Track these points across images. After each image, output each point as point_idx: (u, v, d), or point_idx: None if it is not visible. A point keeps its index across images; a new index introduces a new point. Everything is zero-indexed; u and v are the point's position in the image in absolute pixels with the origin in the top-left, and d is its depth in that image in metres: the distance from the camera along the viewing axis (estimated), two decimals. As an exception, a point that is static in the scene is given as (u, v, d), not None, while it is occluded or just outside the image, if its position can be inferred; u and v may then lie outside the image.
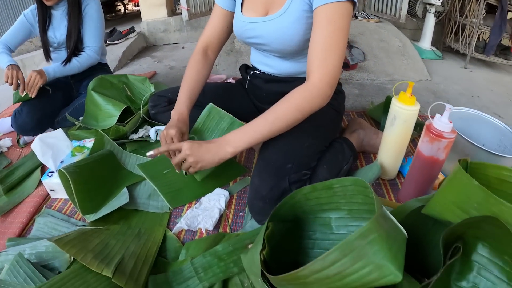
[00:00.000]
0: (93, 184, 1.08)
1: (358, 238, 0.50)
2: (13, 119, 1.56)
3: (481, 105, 2.13)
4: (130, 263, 0.78)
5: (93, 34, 1.67)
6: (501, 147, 1.27)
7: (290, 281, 0.55)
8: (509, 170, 0.67)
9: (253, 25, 1.06)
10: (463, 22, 3.01)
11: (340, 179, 0.69)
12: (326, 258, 0.50)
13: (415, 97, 1.05)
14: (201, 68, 1.17)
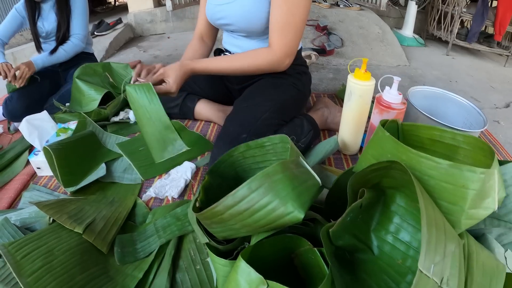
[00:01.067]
0: (74, 160, 1.16)
1: (264, 176, 0.56)
2: (3, 106, 1.63)
3: (458, 89, 2.19)
4: (100, 224, 0.86)
5: (78, 23, 1.74)
6: (467, 124, 1.31)
7: (211, 218, 0.62)
8: (439, 129, 0.73)
9: (220, 7, 1.15)
10: (445, 10, 3.05)
11: (269, 138, 0.78)
12: (236, 194, 0.56)
13: (369, 73, 1.10)
14: (198, 48, 1.33)
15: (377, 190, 0.67)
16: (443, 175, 0.56)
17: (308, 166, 0.66)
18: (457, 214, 0.57)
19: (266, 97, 1.12)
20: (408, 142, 0.78)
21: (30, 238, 0.76)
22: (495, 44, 2.97)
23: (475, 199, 0.56)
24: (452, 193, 0.56)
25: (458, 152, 0.71)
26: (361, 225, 0.67)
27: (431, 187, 0.58)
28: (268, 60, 1.05)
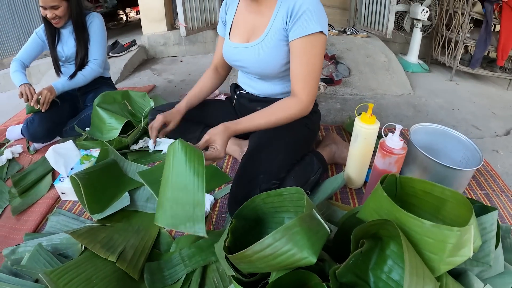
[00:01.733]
0: (99, 188, 1.26)
1: (285, 229, 0.69)
2: (25, 128, 1.71)
3: (460, 118, 2.25)
4: (130, 253, 0.96)
5: (96, 49, 1.84)
6: (465, 159, 1.39)
7: (241, 259, 0.74)
8: (431, 184, 0.84)
9: (237, 50, 1.26)
10: (449, 36, 3.11)
11: (287, 188, 0.89)
12: (263, 242, 0.69)
13: (374, 117, 1.21)
14: (208, 80, 1.45)
15: (375, 237, 0.80)
16: (426, 231, 0.70)
17: (320, 217, 0.77)
18: (437, 262, 0.70)
19: (280, 138, 1.22)
20: (404, 191, 0.90)
21: (69, 267, 0.86)
22: (498, 69, 3.01)
23: (452, 250, 0.68)
24: (433, 245, 0.70)
25: (446, 204, 0.82)
26: (361, 265, 0.80)
27: (417, 240, 0.72)
28: (298, 109, 1.13)
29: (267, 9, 1.17)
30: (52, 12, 1.68)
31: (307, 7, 1.06)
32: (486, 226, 0.84)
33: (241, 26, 1.27)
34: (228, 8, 1.35)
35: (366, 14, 3.53)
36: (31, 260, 0.98)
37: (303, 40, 1.08)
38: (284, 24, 1.12)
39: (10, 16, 3.63)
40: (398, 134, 1.12)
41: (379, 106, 2.36)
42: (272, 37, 1.15)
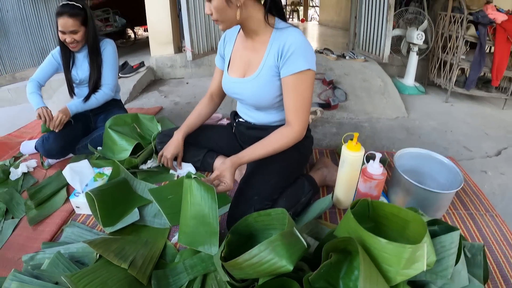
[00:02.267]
0: (111, 204, 1.40)
1: (269, 242, 0.85)
2: (40, 144, 1.83)
3: (452, 140, 2.31)
4: (140, 261, 1.10)
5: (109, 74, 1.98)
6: (448, 181, 1.48)
7: (234, 266, 0.90)
8: (397, 208, 0.99)
9: (234, 84, 1.41)
10: (445, 58, 3.19)
11: (274, 210, 1.06)
12: (251, 252, 0.85)
13: (359, 145, 1.33)
14: (204, 108, 1.63)
15: (345, 251, 0.95)
16: (383, 248, 0.85)
17: (298, 234, 0.92)
18: (393, 273, 0.85)
19: (274, 163, 1.35)
20: (376, 213, 1.04)
21: (87, 271, 1.00)
22: (493, 89, 3.08)
23: (406, 263, 0.82)
24: (389, 259, 0.85)
25: (409, 225, 0.97)
26: (333, 274, 0.96)
27: (376, 255, 0.87)
28: (292, 137, 1.28)
29: (261, 46, 1.30)
30: (71, 36, 1.80)
31: (295, 47, 1.20)
32: (445, 244, 0.97)
33: (238, 61, 1.41)
34: (226, 43, 1.49)
35: (365, 38, 3.67)
36: (51, 266, 1.11)
37: (293, 77, 1.23)
38: (276, 62, 1.26)
39: (23, 33, 3.82)
40: (378, 161, 1.25)
41: (373, 130, 2.46)
42: (266, 73, 1.29)
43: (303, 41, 1.22)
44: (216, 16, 1.18)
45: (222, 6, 1.15)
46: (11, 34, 3.78)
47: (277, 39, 1.25)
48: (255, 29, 1.28)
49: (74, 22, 1.77)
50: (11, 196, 1.61)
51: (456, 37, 3.03)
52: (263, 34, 1.29)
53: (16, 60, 3.91)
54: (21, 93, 3.59)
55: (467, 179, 1.77)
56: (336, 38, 5.81)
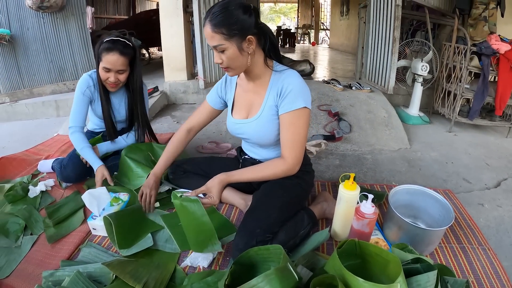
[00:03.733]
0: (127, 228, 1.51)
1: (265, 275, 0.96)
2: (58, 171, 1.93)
3: (452, 171, 2.35)
4: (152, 283, 1.22)
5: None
6: (441, 216, 1.55)
7: None
8: (379, 249, 1.12)
9: (239, 125, 1.53)
10: (449, 88, 3.23)
11: (273, 246, 1.17)
12: (250, 283, 0.96)
13: (356, 184, 1.45)
14: (181, 142, 1.70)
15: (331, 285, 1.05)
16: (360, 286, 0.96)
17: (291, 269, 1.04)
18: None
19: (276, 198, 1.45)
20: (363, 251, 1.16)
21: None
22: (497, 118, 3.10)
23: None
24: None
25: (389, 265, 1.08)
26: None
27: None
28: (283, 169, 1.40)
29: (261, 89, 1.44)
30: (116, 76, 1.75)
31: (292, 87, 1.33)
32: (421, 283, 1.05)
33: (241, 104, 1.54)
34: (227, 88, 1.62)
35: (371, 68, 3.75)
36: (71, 283, 1.20)
37: (289, 114, 1.35)
38: (275, 102, 1.38)
39: (42, 51, 4.00)
40: (370, 201, 1.37)
41: (375, 162, 2.51)
42: (267, 113, 1.42)
43: (300, 82, 1.35)
44: (228, 64, 1.31)
45: (236, 55, 1.28)
46: (31, 51, 3.96)
47: (276, 81, 1.38)
48: (258, 73, 1.42)
49: (124, 61, 1.72)
50: (30, 213, 1.70)
51: (460, 67, 3.07)
52: (263, 77, 1.43)
53: (34, 76, 4.08)
54: (38, 108, 3.75)
55: (463, 212, 1.81)
56: (345, 64, 5.93)
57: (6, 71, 4.06)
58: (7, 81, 4.08)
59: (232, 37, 1.24)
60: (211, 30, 1.24)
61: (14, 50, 4.02)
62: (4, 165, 2.24)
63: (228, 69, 1.34)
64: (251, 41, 1.28)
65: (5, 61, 3.99)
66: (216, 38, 1.24)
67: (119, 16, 7.89)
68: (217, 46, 1.26)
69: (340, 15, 9.39)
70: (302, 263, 1.27)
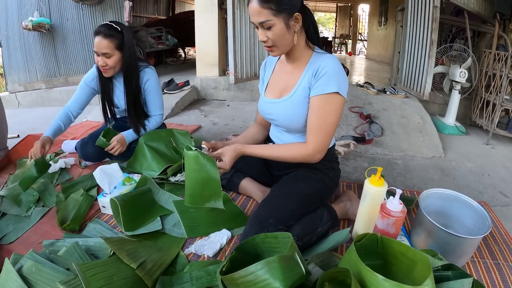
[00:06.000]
0: (134, 211, 1.47)
1: (267, 262, 0.86)
2: (79, 147, 1.94)
3: (489, 184, 2.20)
4: (150, 265, 1.14)
5: (158, 104, 2.05)
6: (476, 226, 1.40)
7: (230, 281, 0.91)
8: (406, 246, 0.97)
9: (269, 105, 1.45)
10: (488, 98, 3.05)
11: (281, 233, 1.06)
12: (248, 270, 0.86)
13: (383, 180, 1.31)
14: (255, 132, 1.63)
15: (344, 284, 0.92)
16: (379, 285, 0.82)
17: (298, 260, 0.93)
18: None
19: (295, 189, 1.36)
20: (386, 250, 1.03)
21: (97, 263, 1.07)
22: None
23: None
24: None
25: (416, 266, 0.94)
26: None
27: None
28: (302, 153, 1.31)
29: (298, 70, 1.36)
30: (103, 59, 1.76)
31: (328, 69, 1.25)
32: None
33: (275, 84, 1.47)
34: (266, 68, 1.56)
35: (407, 74, 3.62)
36: (66, 253, 1.19)
37: (319, 98, 1.26)
38: (309, 83, 1.30)
39: (80, 41, 4.17)
40: (398, 198, 1.23)
41: (406, 168, 2.39)
42: (299, 94, 1.34)
43: (337, 66, 1.27)
44: (274, 42, 1.24)
45: (283, 32, 1.22)
46: (69, 41, 4.13)
47: (314, 62, 1.31)
48: (298, 55, 1.35)
49: (108, 44, 1.73)
50: (46, 187, 1.73)
51: (500, 75, 2.91)
52: (303, 59, 1.35)
53: (70, 65, 4.25)
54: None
55: (499, 227, 1.66)
56: (381, 72, 5.77)
57: (44, 59, 4.22)
58: (44, 69, 4.24)
59: (280, 13, 1.18)
60: (259, 5, 1.18)
61: (53, 39, 4.19)
62: (30, 142, 2.27)
63: (272, 48, 1.28)
64: (297, 19, 1.23)
65: (44, 49, 4.16)
66: (263, 14, 1.18)
67: (158, 16, 8.05)
68: (264, 22, 1.20)
69: (378, 25, 9.22)
70: (315, 262, 1.16)
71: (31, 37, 4.28)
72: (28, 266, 1.09)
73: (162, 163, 1.88)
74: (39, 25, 4.04)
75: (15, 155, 2.15)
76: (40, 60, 4.24)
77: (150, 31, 5.47)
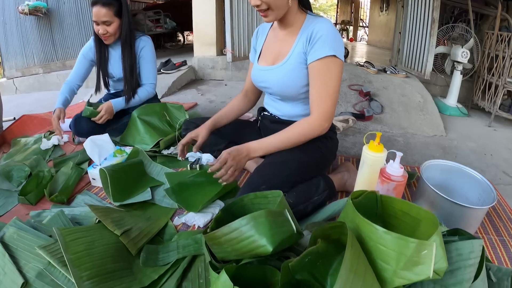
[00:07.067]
0: (123, 183, 1.41)
1: (252, 217, 0.78)
2: (72, 122, 1.91)
3: (491, 163, 2.17)
4: (135, 233, 1.09)
5: (151, 73, 2.01)
6: (481, 200, 1.34)
7: (213, 240, 0.84)
8: (408, 204, 0.88)
9: (262, 72, 1.39)
10: (490, 80, 3.04)
11: (271, 192, 1.00)
12: (231, 226, 0.79)
13: (382, 145, 1.24)
14: (237, 103, 1.56)
15: (338, 244, 0.85)
16: (379, 238, 0.73)
17: (289, 217, 0.86)
18: (389, 272, 0.71)
19: (290, 157, 1.29)
20: (386, 211, 0.94)
21: (79, 229, 1.03)
22: None
23: (407, 263, 0.69)
24: (386, 254, 0.72)
25: (420, 225, 0.85)
26: (321, 269, 0.85)
27: (370, 247, 0.75)
28: (311, 128, 1.24)
29: (292, 36, 1.30)
30: (104, 27, 1.79)
31: (322, 33, 1.19)
32: (462, 252, 0.81)
33: (268, 51, 1.40)
34: (258, 36, 1.49)
35: (408, 54, 3.57)
36: (50, 221, 1.15)
37: (318, 63, 1.20)
38: (304, 48, 1.24)
39: (77, 24, 4.07)
40: (399, 162, 1.16)
41: (406, 145, 2.35)
42: (294, 60, 1.27)
43: (332, 29, 1.21)
44: (268, 4, 1.17)
45: None
46: (66, 25, 4.04)
47: (308, 26, 1.25)
48: (291, 20, 1.29)
49: (107, 12, 1.77)
50: (38, 163, 1.68)
51: (503, 57, 2.89)
52: (296, 25, 1.29)
53: (68, 49, 4.17)
54: None
55: (503, 204, 1.60)
56: (382, 56, 5.70)
57: (41, 43, 4.15)
58: (41, 53, 4.18)
59: None
60: None
61: (50, 23, 4.11)
62: (26, 123, 2.29)
63: (267, 12, 1.21)
64: None
65: (41, 34, 4.09)
66: None
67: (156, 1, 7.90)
68: None
69: (379, 11, 9.08)
70: (310, 229, 1.10)
71: (28, 21, 4.21)
72: (10, 233, 1.07)
73: (155, 136, 1.84)
74: (35, 9, 3.97)
75: (10, 135, 2.14)
76: (37, 45, 4.17)
77: (148, 14, 5.37)
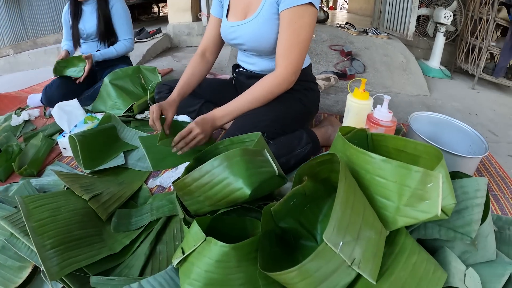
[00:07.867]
0: (95, 149, 1.32)
1: (225, 156, 0.69)
2: (43, 92, 1.83)
3: (477, 122, 2.15)
4: (106, 197, 1.01)
5: (125, 28, 1.99)
6: (471, 152, 1.32)
7: (182, 189, 0.75)
8: (403, 140, 0.79)
9: (233, 28, 1.28)
10: (473, 43, 3.00)
11: (249, 135, 0.92)
12: (201, 169, 0.69)
13: (367, 93, 1.18)
14: (197, 66, 1.41)
15: (327, 185, 0.75)
16: (377, 169, 0.62)
17: (269, 157, 0.77)
18: (391, 209, 0.61)
19: (269, 108, 1.22)
20: (377, 151, 0.83)
21: (44, 196, 0.93)
22: None
23: (410, 196, 0.59)
24: (385, 187, 0.61)
25: (419, 161, 0.76)
26: (309, 215, 0.75)
27: (367, 181, 0.64)
28: (277, 84, 1.16)
29: None
30: None
31: None
32: (468, 190, 0.73)
33: (238, 5, 1.29)
34: None
35: (389, 16, 3.48)
36: (17, 192, 1.07)
37: (291, 11, 1.10)
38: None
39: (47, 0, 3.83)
40: (387, 106, 1.10)
41: (390, 103, 2.25)
42: (266, 11, 1.17)
43: None
44: None
45: None
46: (34, 1, 3.81)
47: None
48: None
49: None
50: (8, 140, 1.57)
51: (487, 19, 2.83)
52: None
53: (38, 26, 3.95)
54: (40, 57, 3.66)
55: (492, 161, 1.59)
56: (362, 21, 5.61)
57: (9, 22, 3.95)
58: (11, 33, 3.99)
59: None
60: None
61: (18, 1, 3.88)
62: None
63: None
64: None
65: (9, 12, 3.88)
66: None
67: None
68: None
69: (360, -23, 8.95)
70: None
71: (-7, 0, 3.97)
72: (-28, 207, 0.96)
73: (128, 100, 1.74)
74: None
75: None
76: (6, 25, 3.95)
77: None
